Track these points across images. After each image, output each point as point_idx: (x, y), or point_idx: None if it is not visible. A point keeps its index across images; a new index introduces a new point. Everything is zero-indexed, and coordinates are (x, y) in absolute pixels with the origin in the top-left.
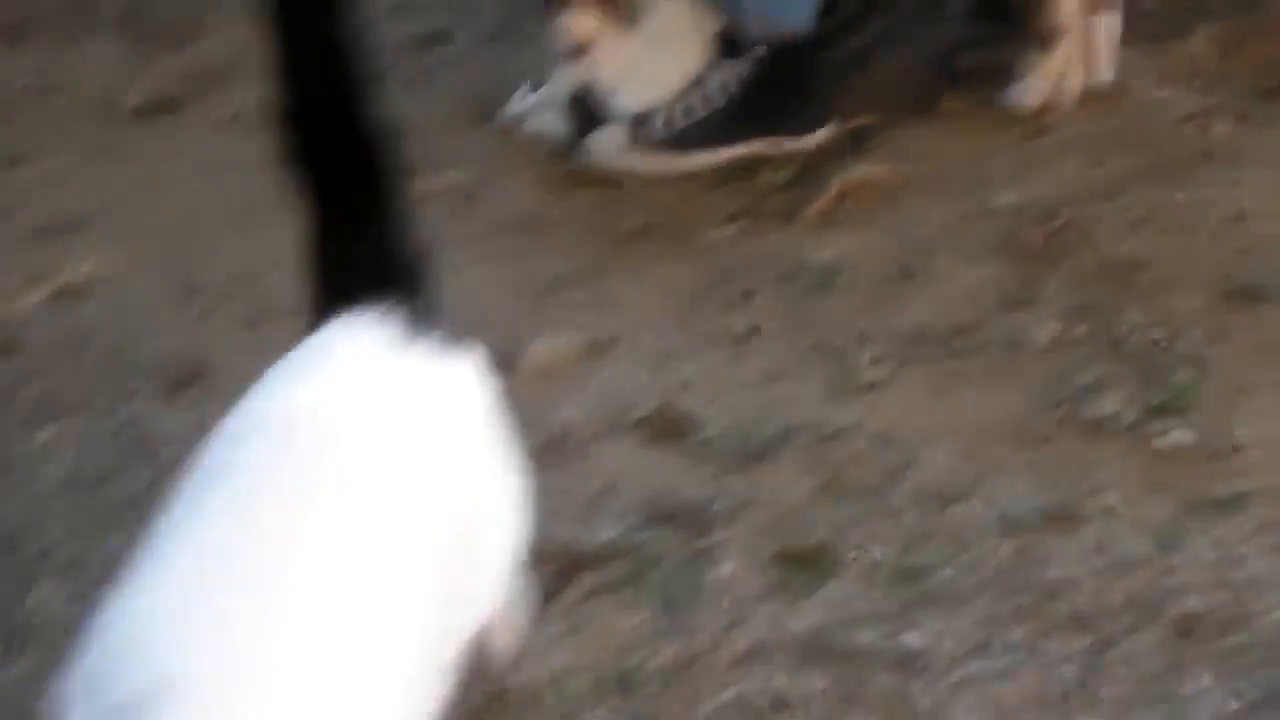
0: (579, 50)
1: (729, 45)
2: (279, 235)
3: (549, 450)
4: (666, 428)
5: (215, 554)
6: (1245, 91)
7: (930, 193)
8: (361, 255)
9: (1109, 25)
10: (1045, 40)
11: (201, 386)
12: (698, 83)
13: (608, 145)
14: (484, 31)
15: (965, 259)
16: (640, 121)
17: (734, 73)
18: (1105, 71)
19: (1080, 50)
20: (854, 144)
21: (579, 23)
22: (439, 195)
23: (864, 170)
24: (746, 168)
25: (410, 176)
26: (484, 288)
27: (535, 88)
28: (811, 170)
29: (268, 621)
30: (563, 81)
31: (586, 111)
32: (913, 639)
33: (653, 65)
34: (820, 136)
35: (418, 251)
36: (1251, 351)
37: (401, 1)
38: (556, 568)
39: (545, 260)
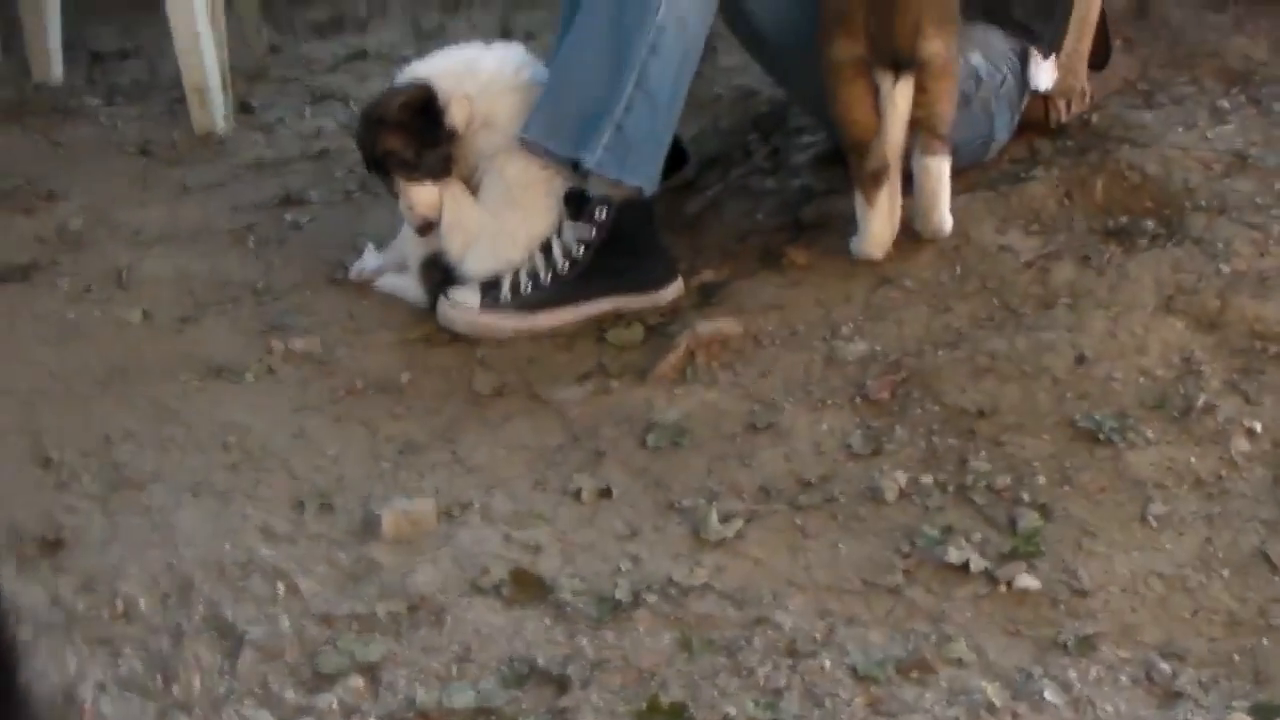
0: (426, 223)
1: (576, 206)
2: (131, 406)
3: (408, 614)
4: (522, 589)
5: None
6: (1086, 235)
7: (778, 345)
8: None
9: (938, 167)
10: (870, 184)
11: (56, 558)
12: (545, 246)
13: (460, 309)
14: (339, 191)
15: (813, 411)
16: (491, 285)
17: (581, 235)
18: (942, 221)
19: (917, 195)
20: (702, 299)
21: (421, 196)
22: (293, 358)
23: (712, 325)
24: (597, 327)
25: None
26: (339, 451)
27: (379, 247)
28: (661, 328)
29: None
30: (412, 245)
31: (439, 275)
32: None
33: (499, 231)
34: (669, 293)
35: None
36: (1095, 494)
37: (256, 163)
38: None
39: (400, 423)
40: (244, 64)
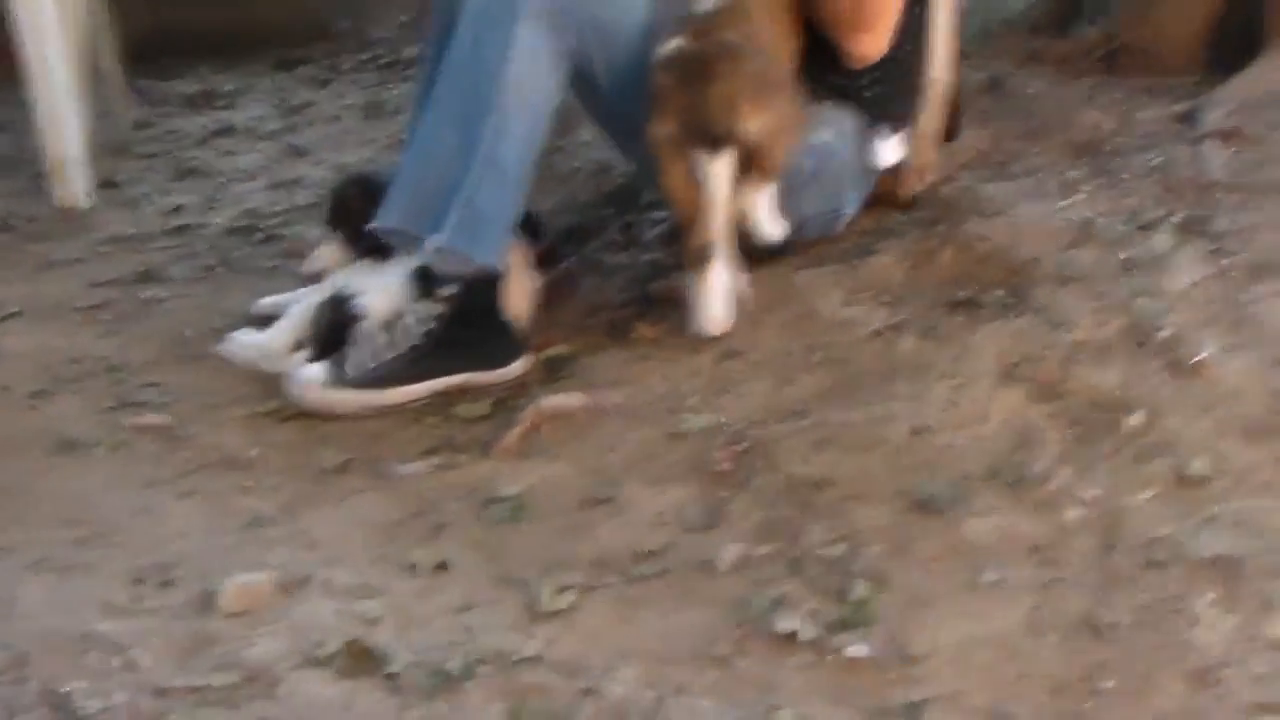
0: (321, 275)
1: (424, 284)
2: None
3: (244, 686)
4: (356, 662)
5: None
6: (931, 306)
7: (622, 419)
8: None
9: (764, 196)
10: (696, 261)
11: None
12: (392, 322)
13: (308, 385)
14: (200, 267)
15: (654, 484)
16: (339, 361)
17: (428, 311)
18: (773, 227)
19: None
20: (549, 374)
21: (326, 253)
22: (145, 433)
23: (558, 400)
24: (443, 402)
25: None
26: (184, 526)
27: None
28: (506, 402)
29: None
30: (303, 305)
31: (332, 323)
32: None
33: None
34: (516, 369)
35: None
36: (929, 562)
37: (116, 238)
38: None
39: (245, 498)
40: (109, 138)
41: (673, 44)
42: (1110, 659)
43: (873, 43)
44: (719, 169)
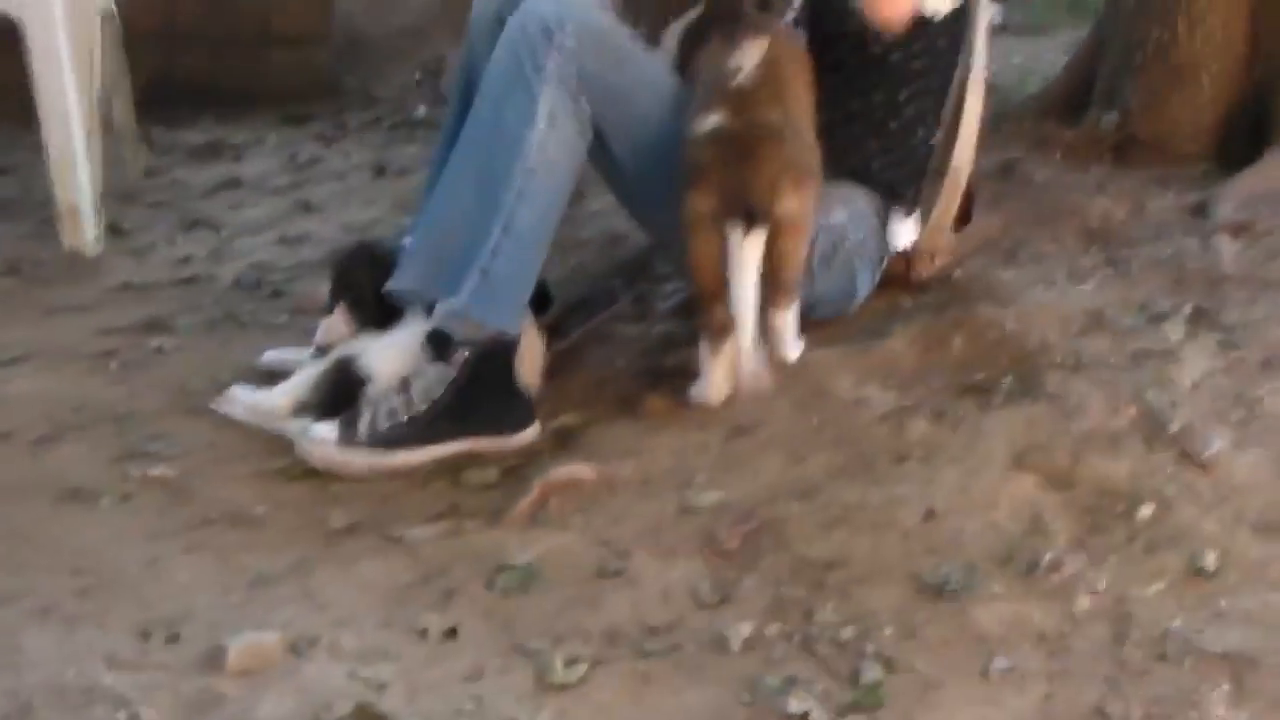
0: (324, 348)
1: (438, 347)
2: None
3: None
4: None
5: None
6: (942, 390)
7: (632, 492)
8: None
9: (783, 319)
10: (716, 335)
11: None
12: (404, 385)
13: (317, 444)
14: (205, 319)
15: (663, 559)
16: (349, 422)
17: (442, 376)
18: (788, 353)
19: (766, 341)
20: (559, 444)
21: (334, 325)
22: (151, 484)
23: (567, 470)
24: (453, 467)
25: None
26: (191, 580)
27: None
28: (516, 470)
29: None
30: (308, 369)
31: (336, 385)
32: None
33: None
34: (525, 437)
35: None
36: (940, 647)
37: (124, 286)
38: None
39: (252, 555)
40: (117, 185)
41: (712, 120)
42: None
43: None
44: (752, 243)
